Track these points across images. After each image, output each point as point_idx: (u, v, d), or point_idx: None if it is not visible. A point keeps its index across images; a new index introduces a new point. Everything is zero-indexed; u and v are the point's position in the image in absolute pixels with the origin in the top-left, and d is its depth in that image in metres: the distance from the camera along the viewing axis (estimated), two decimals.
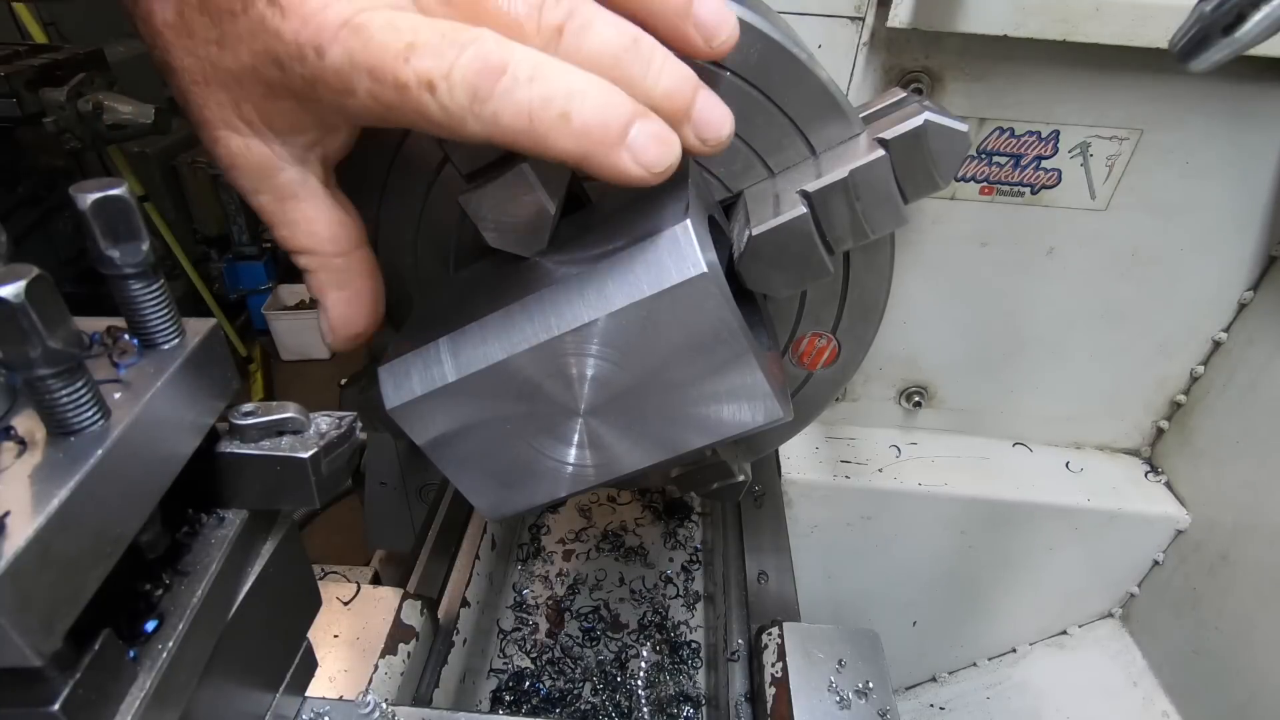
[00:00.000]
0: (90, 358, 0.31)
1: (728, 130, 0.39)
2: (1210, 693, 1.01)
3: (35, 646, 0.24)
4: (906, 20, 0.74)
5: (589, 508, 1.11)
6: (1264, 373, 0.93)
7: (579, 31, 0.36)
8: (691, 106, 0.38)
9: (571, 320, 0.41)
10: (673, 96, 0.37)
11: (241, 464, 0.36)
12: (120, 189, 0.30)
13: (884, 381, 1.10)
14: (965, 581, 1.16)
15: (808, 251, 0.46)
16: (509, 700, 0.86)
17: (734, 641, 0.76)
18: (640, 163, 0.36)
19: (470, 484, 0.50)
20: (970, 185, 0.90)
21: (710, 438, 0.45)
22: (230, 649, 0.38)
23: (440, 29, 0.35)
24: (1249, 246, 0.91)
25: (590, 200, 0.52)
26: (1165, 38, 0.55)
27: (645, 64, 0.37)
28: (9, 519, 0.24)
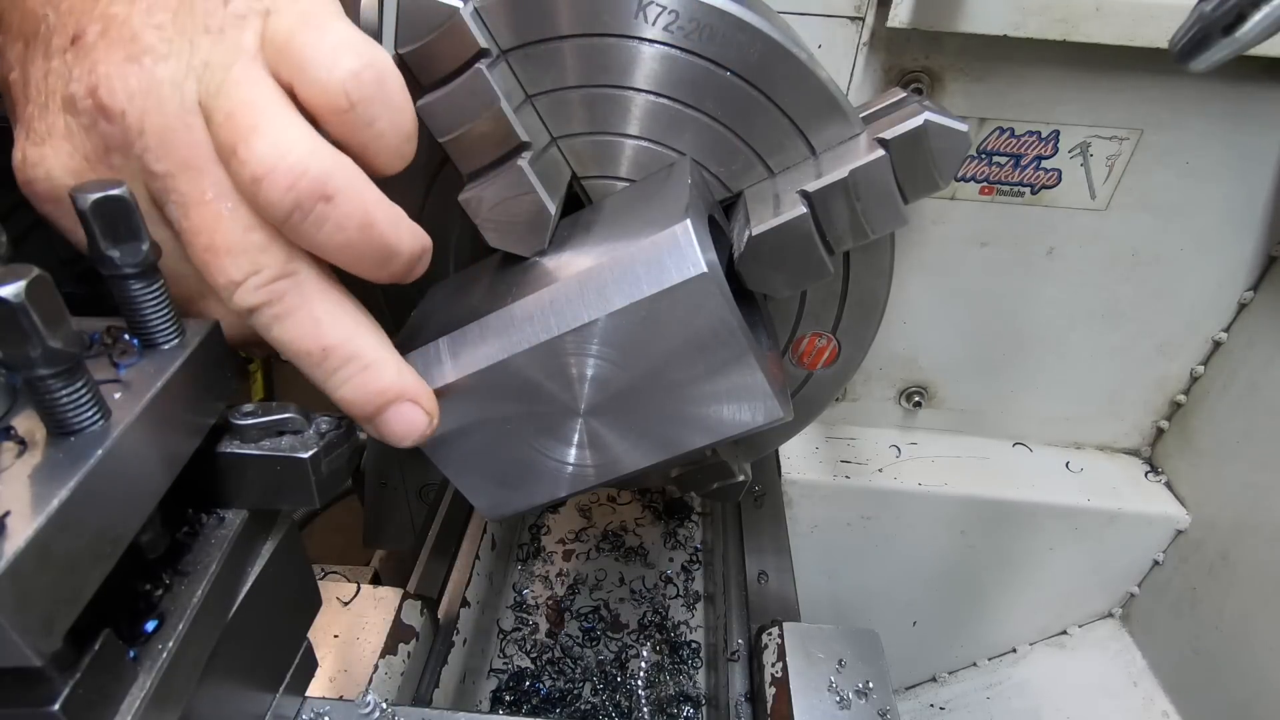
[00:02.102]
0: (90, 358, 0.31)
1: (409, 440, 0.42)
2: (1210, 693, 1.01)
3: (35, 646, 0.24)
4: (906, 20, 0.74)
5: (589, 508, 1.11)
6: (1264, 373, 0.93)
7: (271, 319, 0.36)
8: (373, 418, 0.40)
9: (571, 320, 0.41)
10: (347, 405, 0.39)
11: (241, 464, 0.36)
12: (120, 189, 0.30)
13: (884, 381, 1.10)
14: (965, 581, 1.16)
15: (808, 251, 0.46)
16: (509, 700, 0.86)
17: (734, 641, 0.76)
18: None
19: (470, 484, 0.50)
20: (970, 185, 0.90)
21: (710, 438, 0.45)
22: (230, 649, 0.38)
23: (189, 292, 0.38)
24: (1249, 246, 0.91)
25: (590, 200, 0.52)
26: (1165, 38, 0.55)
27: (329, 373, 0.38)
28: (9, 519, 0.24)
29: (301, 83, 0.34)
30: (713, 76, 0.46)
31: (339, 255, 0.36)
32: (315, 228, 0.34)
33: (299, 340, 0.37)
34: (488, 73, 0.43)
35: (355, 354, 0.38)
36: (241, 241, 0.35)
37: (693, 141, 0.48)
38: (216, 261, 0.35)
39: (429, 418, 0.42)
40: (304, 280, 0.36)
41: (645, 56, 0.45)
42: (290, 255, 0.36)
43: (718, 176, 0.50)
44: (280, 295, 0.36)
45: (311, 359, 0.37)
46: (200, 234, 0.35)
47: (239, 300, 0.35)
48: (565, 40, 0.45)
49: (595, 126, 0.48)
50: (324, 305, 0.37)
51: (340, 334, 0.38)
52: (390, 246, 0.36)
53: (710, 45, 0.45)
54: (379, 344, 0.40)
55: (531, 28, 0.45)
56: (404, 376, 0.40)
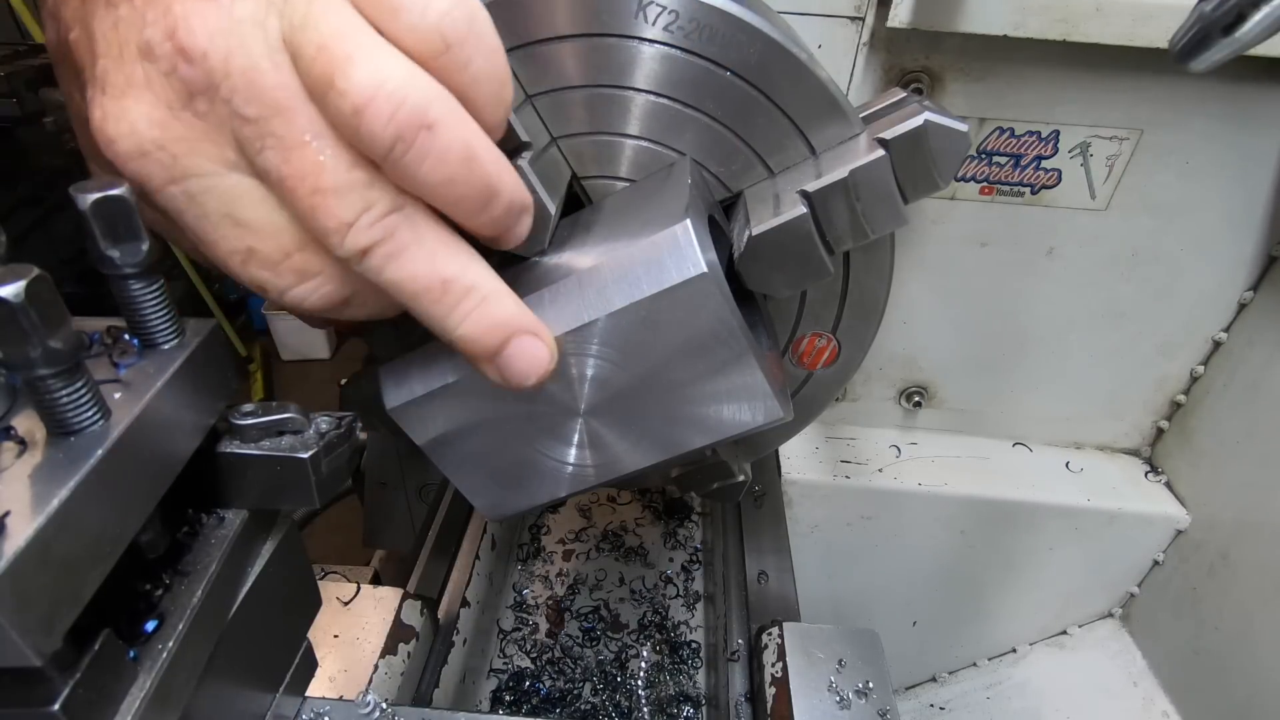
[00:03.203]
0: (90, 358, 0.31)
1: (533, 380, 0.39)
2: (1210, 693, 1.01)
3: (35, 646, 0.24)
4: (906, 20, 0.74)
5: (589, 508, 1.11)
6: (1264, 373, 0.93)
7: (385, 259, 0.35)
8: (496, 355, 0.38)
9: (571, 320, 0.41)
10: (469, 343, 0.37)
11: (241, 464, 0.36)
12: (120, 189, 0.30)
13: (884, 381, 1.10)
14: (965, 581, 1.16)
15: (808, 251, 0.46)
16: (509, 700, 0.86)
17: (734, 641, 0.76)
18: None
19: (470, 484, 0.50)
20: (970, 185, 0.90)
21: (710, 438, 0.45)
22: (230, 649, 0.38)
23: (284, 246, 0.35)
24: (1249, 246, 0.91)
25: (590, 200, 0.52)
26: (1165, 38, 0.55)
27: (450, 309, 0.36)
28: (9, 519, 0.24)
29: (393, 25, 0.32)
30: (713, 76, 0.46)
31: (441, 193, 0.34)
32: (419, 160, 0.32)
33: (417, 276, 0.35)
34: None
35: (474, 285, 0.36)
36: (349, 179, 0.33)
37: (693, 141, 0.48)
38: (325, 203, 0.33)
39: (550, 353, 0.39)
40: (414, 214, 0.35)
41: (645, 56, 0.45)
42: (398, 190, 0.34)
43: (718, 176, 0.50)
44: (393, 231, 0.34)
45: (431, 295, 0.36)
46: (305, 177, 0.33)
47: (351, 242, 0.34)
48: (565, 40, 0.45)
49: (595, 126, 0.48)
50: (436, 237, 0.36)
51: (458, 264, 0.36)
52: (493, 184, 0.35)
53: (710, 45, 0.45)
54: (494, 275, 0.38)
55: (531, 28, 0.45)
56: (523, 310, 0.39)
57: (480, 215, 0.36)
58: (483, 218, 0.36)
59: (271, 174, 0.33)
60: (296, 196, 0.33)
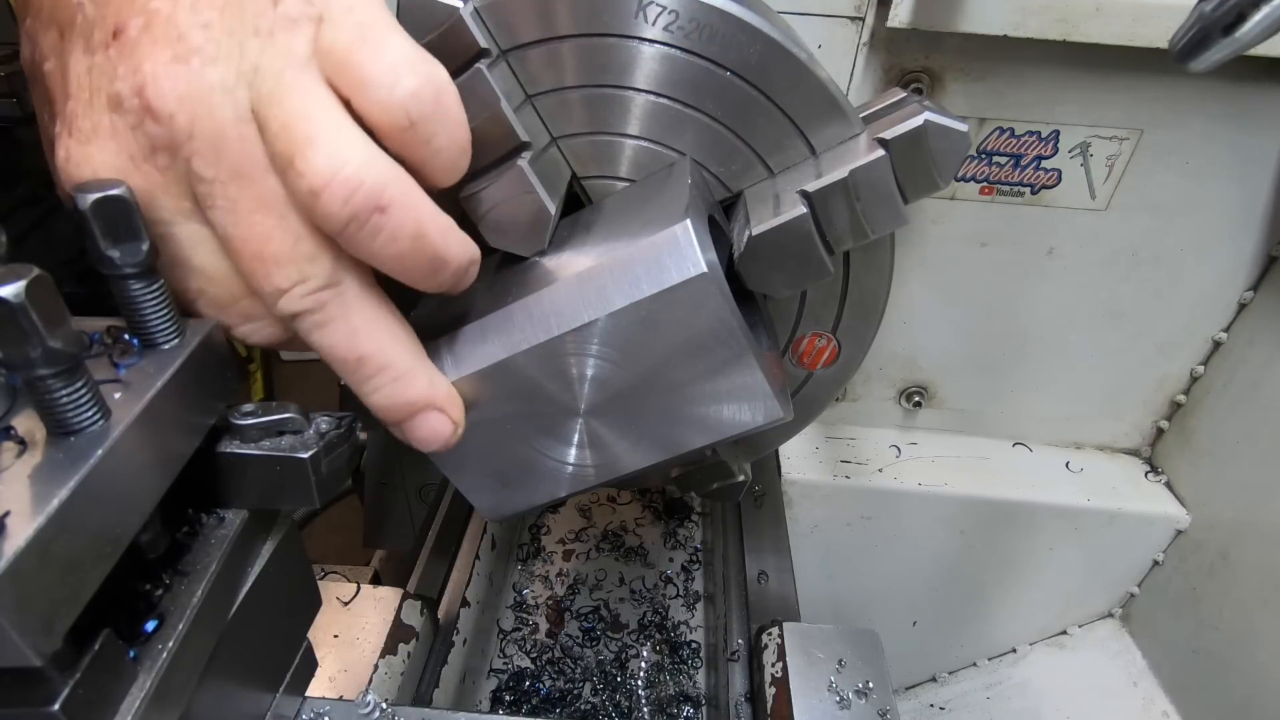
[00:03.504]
0: (90, 358, 0.31)
1: (435, 446, 0.43)
2: (1210, 693, 1.01)
3: (35, 646, 0.24)
4: (906, 20, 0.74)
5: (589, 508, 1.11)
6: (1264, 373, 0.93)
7: (312, 326, 0.37)
8: (401, 424, 0.42)
9: (571, 320, 0.41)
10: (378, 412, 0.41)
11: (241, 464, 0.36)
12: (120, 189, 0.30)
13: (884, 381, 1.10)
14: (965, 581, 1.16)
15: (808, 251, 0.46)
16: (509, 700, 0.86)
17: (734, 641, 0.76)
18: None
19: (470, 484, 0.50)
20: (970, 185, 0.90)
21: (710, 438, 0.45)
22: (230, 649, 0.38)
23: (231, 291, 0.38)
24: (1249, 246, 0.91)
25: (590, 200, 0.52)
26: (1165, 38, 0.55)
27: (362, 380, 0.39)
28: (9, 519, 0.24)
29: (361, 99, 0.34)
30: (713, 76, 0.46)
31: (390, 265, 0.36)
32: (370, 238, 0.34)
33: (336, 348, 0.38)
34: (488, 73, 0.43)
35: (388, 364, 0.39)
36: (291, 252, 0.35)
37: (693, 141, 0.48)
38: (264, 269, 0.35)
39: (454, 426, 0.43)
40: (346, 290, 0.37)
41: (645, 56, 0.45)
42: (336, 266, 0.36)
43: (718, 176, 0.50)
44: (323, 304, 0.37)
45: (347, 366, 0.39)
46: (250, 242, 0.35)
47: (283, 307, 0.36)
48: (565, 40, 0.45)
49: (595, 126, 0.48)
50: (362, 316, 0.38)
51: (375, 344, 0.39)
52: (441, 257, 0.37)
53: (710, 45, 0.45)
54: (412, 354, 0.41)
55: (531, 28, 0.45)
56: (434, 386, 0.41)
57: (429, 281, 0.38)
58: (431, 284, 0.39)
59: (219, 230, 0.35)
60: (240, 257, 0.35)
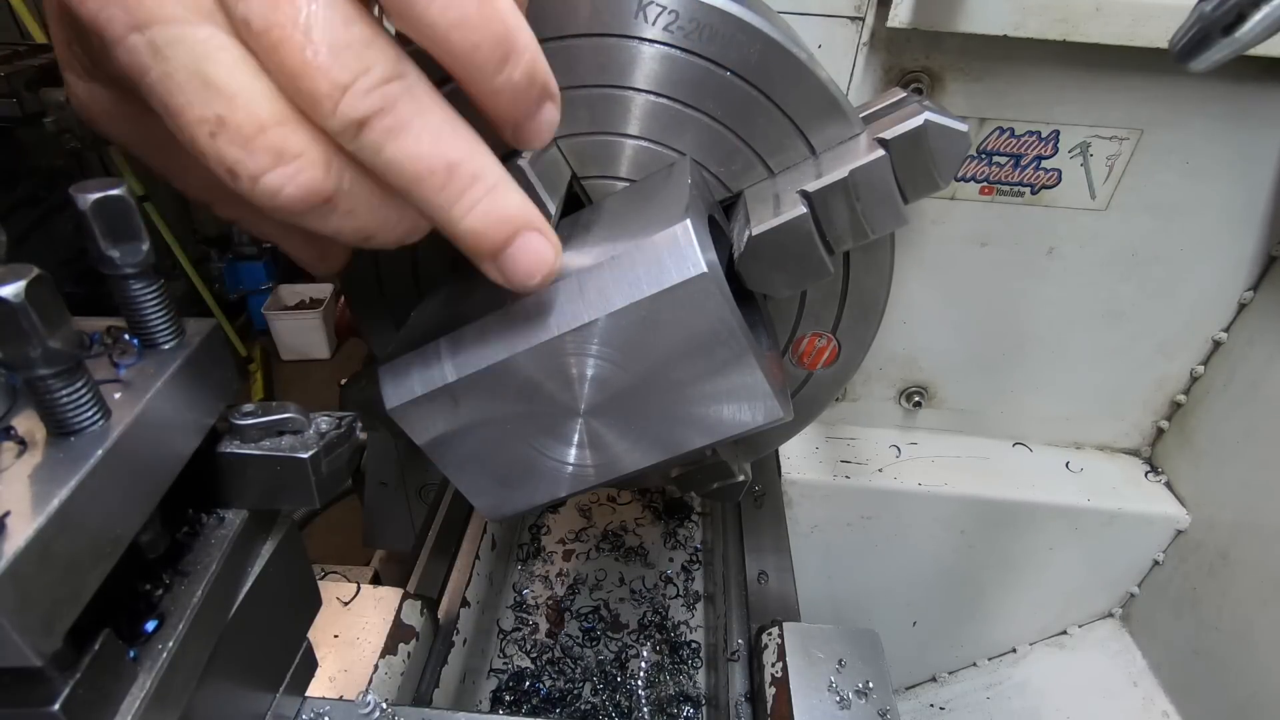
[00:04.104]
0: (90, 358, 0.31)
1: (537, 279, 0.36)
2: (1210, 693, 1.01)
3: (35, 646, 0.24)
4: (906, 20, 0.74)
5: (589, 508, 1.11)
6: (1264, 373, 0.93)
7: (384, 134, 0.31)
8: (501, 250, 0.35)
9: (571, 320, 0.41)
10: (475, 236, 0.34)
11: (241, 464, 0.36)
12: (120, 189, 0.30)
13: (884, 381, 1.10)
14: (965, 581, 1.16)
15: (808, 251, 0.46)
16: (509, 700, 0.86)
17: (734, 641, 0.76)
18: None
19: (470, 484, 0.50)
20: (970, 185, 0.90)
21: (710, 438, 0.45)
22: (230, 649, 0.38)
23: (258, 117, 0.30)
24: (1249, 246, 0.91)
25: (590, 200, 0.52)
26: (1165, 38, 0.55)
27: (455, 198, 0.33)
28: (9, 519, 0.24)
29: None
30: (713, 76, 0.46)
31: (455, 37, 0.30)
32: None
33: (421, 156, 0.31)
34: None
35: (481, 171, 0.33)
36: (344, 35, 0.29)
37: (693, 141, 0.48)
38: (317, 61, 0.29)
39: (555, 251, 0.36)
40: (416, 85, 0.31)
41: (645, 56, 0.45)
42: (398, 53, 0.31)
43: (718, 176, 0.50)
44: (394, 101, 0.30)
45: (435, 180, 0.32)
46: (294, 29, 0.29)
47: (346, 109, 0.30)
48: (565, 40, 0.45)
49: (595, 126, 0.48)
50: (440, 113, 0.32)
51: (464, 148, 0.33)
52: (510, 34, 0.32)
53: (710, 45, 0.45)
54: (499, 164, 0.34)
55: (532, 28, 0.45)
56: (529, 203, 0.36)
57: (497, 76, 0.32)
58: (500, 80, 0.32)
59: (254, 24, 0.29)
60: (283, 53, 0.29)
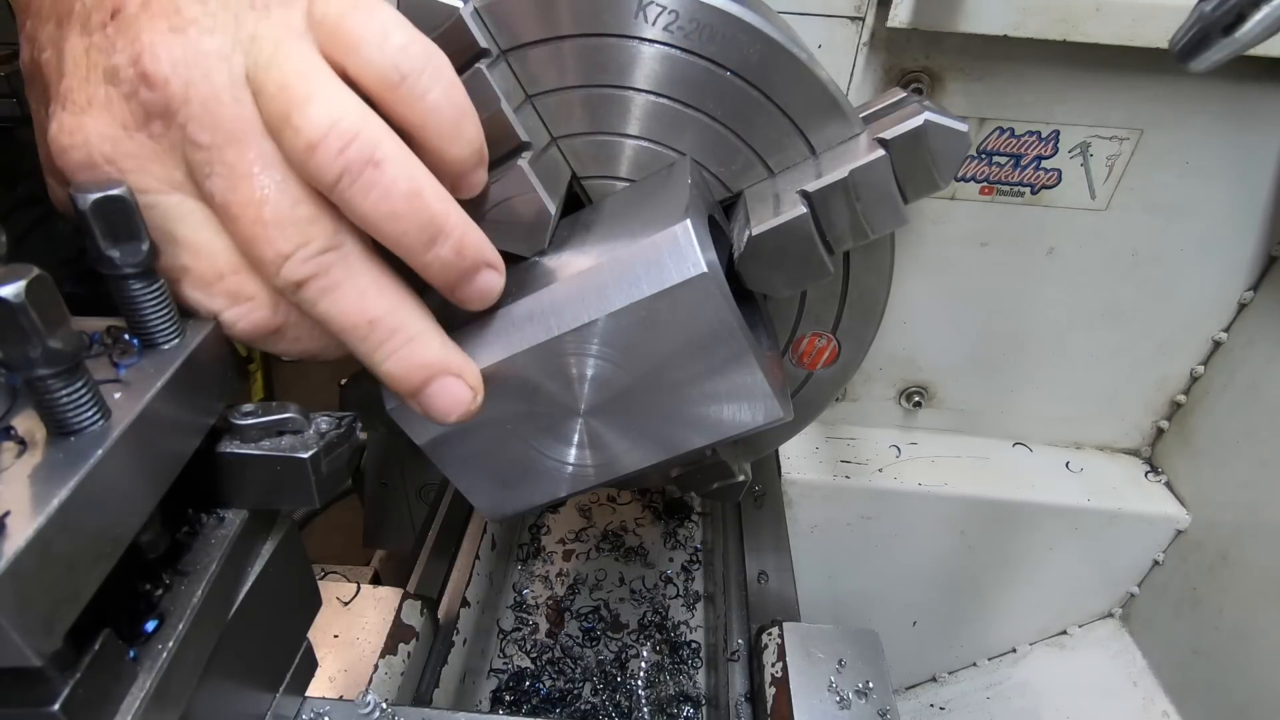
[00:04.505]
0: (90, 358, 0.31)
1: (453, 418, 0.41)
2: (1210, 693, 1.01)
3: (35, 646, 0.24)
4: (906, 20, 0.74)
5: (589, 508, 1.11)
6: (1264, 373, 0.93)
7: (318, 293, 0.36)
8: (418, 393, 0.40)
9: (571, 320, 0.41)
10: (392, 380, 0.39)
11: (241, 464, 0.36)
12: (120, 189, 0.30)
13: (884, 381, 1.10)
14: (965, 581, 1.16)
15: (808, 251, 0.46)
16: (509, 700, 0.86)
17: (734, 641, 0.76)
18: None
19: (470, 484, 0.50)
20: (970, 185, 0.90)
21: (710, 438, 0.45)
22: (230, 649, 0.38)
23: (217, 267, 0.36)
24: (1249, 246, 0.91)
25: (590, 200, 0.52)
26: (1165, 38, 0.55)
27: (375, 347, 0.38)
28: (9, 519, 0.24)
29: (353, 62, 0.35)
30: (713, 76, 0.46)
31: (387, 226, 0.36)
32: (363, 193, 0.34)
33: (346, 313, 0.37)
34: (488, 73, 0.43)
35: (400, 326, 0.38)
36: (290, 214, 0.35)
37: (693, 141, 0.48)
38: (265, 234, 0.35)
39: (473, 393, 0.41)
40: (350, 253, 0.37)
41: (645, 56, 0.45)
42: (337, 228, 0.36)
43: (718, 176, 0.50)
44: (328, 267, 0.36)
45: (358, 332, 0.37)
46: (249, 207, 0.34)
47: (287, 274, 0.35)
48: (565, 40, 0.45)
49: (595, 126, 0.48)
50: (369, 277, 0.37)
51: (385, 306, 0.38)
52: (438, 221, 0.36)
53: (710, 45, 0.45)
54: (423, 318, 0.39)
55: (531, 28, 0.45)
56: (448, 351, 0.40)
57: (426, 253, 0.37)
58: (429, 256, 0.37)
59: (217, 199, 0.35)
60: (239, 225, 0.35)
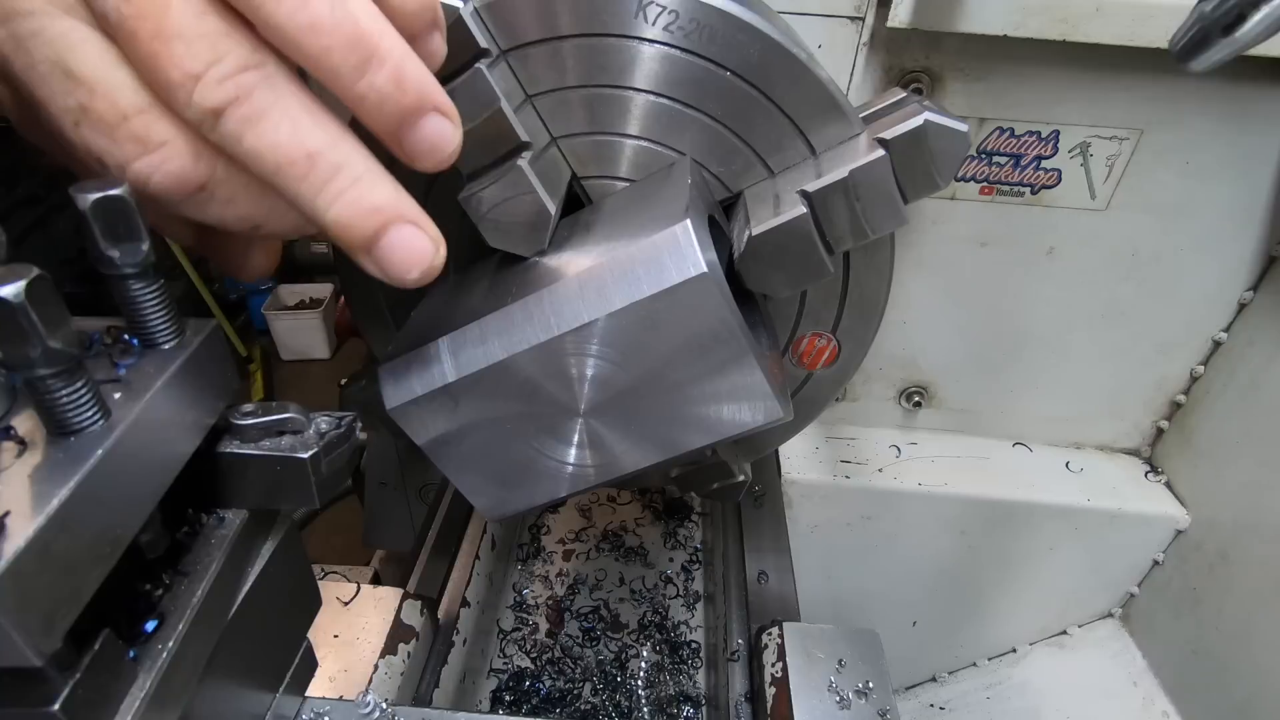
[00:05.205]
0: (90, 358, 0.31)
1: (415, 274, 0.35)
2: (1210, 693, 1.01)
3: (35, 646, 0.24)
4: (906, 20, 0.74)
5: (589, 508, 1.11)
6: (1264, 373, 0.93)
7: (242, 122, 0.30)
8: (372, 244, 0.34)
9: (571, 320, 0.41)
10: (341, 228, 0.33)
11: (241, 464, 0.36)
12: (120, 189, 0.30)
13: (884, 381, 1.10)
14: (965, 581, 1.16)
15: (808, 251, 0.46)
16: (509, 700, 0.86)
17: (734, 641, 0.76)
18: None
19: (470, 484, 0.50)
20: (970, 185, 0.90)
21: (710, 438, 0.45)
22: (230, 649, 0.38)
23: (118, 106, 0.30)
24: (1249, 246, 0.91)
25: (590, 200, 0.52)
26: (1165, 38, 0.55)
27: (317, 188, 0.32)
28: (9, 519, 0.24)
29: None
30: (713, 76, 0.46)
31: (306, 42, 0.30)
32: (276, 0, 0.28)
33: (278, 145, 0.31)
34: (488, 73, 0.43)
35: (344, 162, 0.32)
36: (196, 26, 0.29)
37: (693, 141, 0.48)
38: (168, 50, 0.29)
39: (434, 245, 0.35)
40: (273, 74, 0.30)
41: (645, 56, 0.46)
42: (255, 44, 0.30)
43: (718, 176, 0.50)
44: (249, 90, 0.30)
45: (295, 169, 0.31)
46: (146, 18, 0.28)
47: (200, 98, 0.29)
48: (565, 40, 0.45)
49: (595, 126, 0.48)
50: (300, 103, 0.31)
51: (324, 138, 0.31)
52: (367, 40, 0.30)
53: (710, 45, 0.45)
54: (369, 157, 0.33)
55: (531, 28, 0.45)
56: (402, 195, 0.34)
57: (358, 81, 0.31)
58: (362, 85, 0.31)
59: (110, 16, 0.29)
60: (137, 41, 0.29)
